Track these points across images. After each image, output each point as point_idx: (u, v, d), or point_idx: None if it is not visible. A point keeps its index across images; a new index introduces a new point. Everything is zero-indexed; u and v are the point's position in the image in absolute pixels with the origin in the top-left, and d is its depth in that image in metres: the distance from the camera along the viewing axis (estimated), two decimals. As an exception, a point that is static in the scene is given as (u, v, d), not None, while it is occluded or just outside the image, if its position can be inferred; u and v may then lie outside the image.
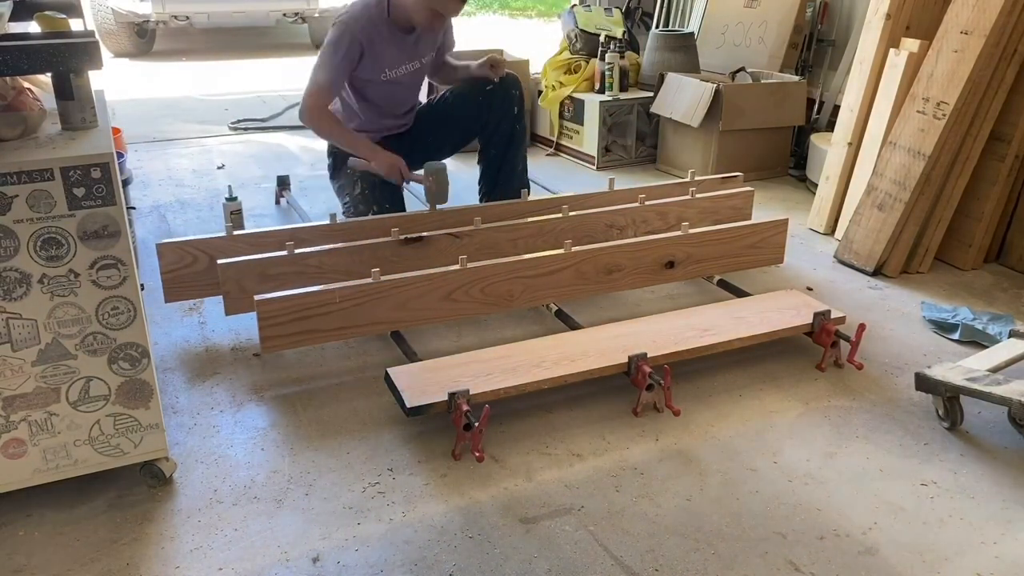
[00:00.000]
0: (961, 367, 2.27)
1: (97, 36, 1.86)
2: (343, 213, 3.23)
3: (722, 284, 2.98)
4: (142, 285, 2.85)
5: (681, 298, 3.01)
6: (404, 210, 3.19)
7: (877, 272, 3.20)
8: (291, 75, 7.37)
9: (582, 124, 4.66)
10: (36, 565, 1.76)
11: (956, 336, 2.72)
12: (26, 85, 1.95)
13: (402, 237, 2.76)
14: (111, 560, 1.77)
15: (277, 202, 3.96)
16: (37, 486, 1.88)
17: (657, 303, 2.95)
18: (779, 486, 2.02)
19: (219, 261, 2.55)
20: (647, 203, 3.15)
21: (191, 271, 2.69)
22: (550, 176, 4.37)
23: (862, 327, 2.48)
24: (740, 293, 2.88)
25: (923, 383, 2.27)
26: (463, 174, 4.32)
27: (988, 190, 3.18)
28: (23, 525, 1.87)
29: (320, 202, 3.97)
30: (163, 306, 2.90)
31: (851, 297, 2.98)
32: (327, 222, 2.88)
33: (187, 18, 7.82)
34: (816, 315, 2.52)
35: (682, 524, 1.89)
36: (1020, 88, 3.08)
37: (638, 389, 2.28)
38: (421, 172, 3.09)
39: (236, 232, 2.78)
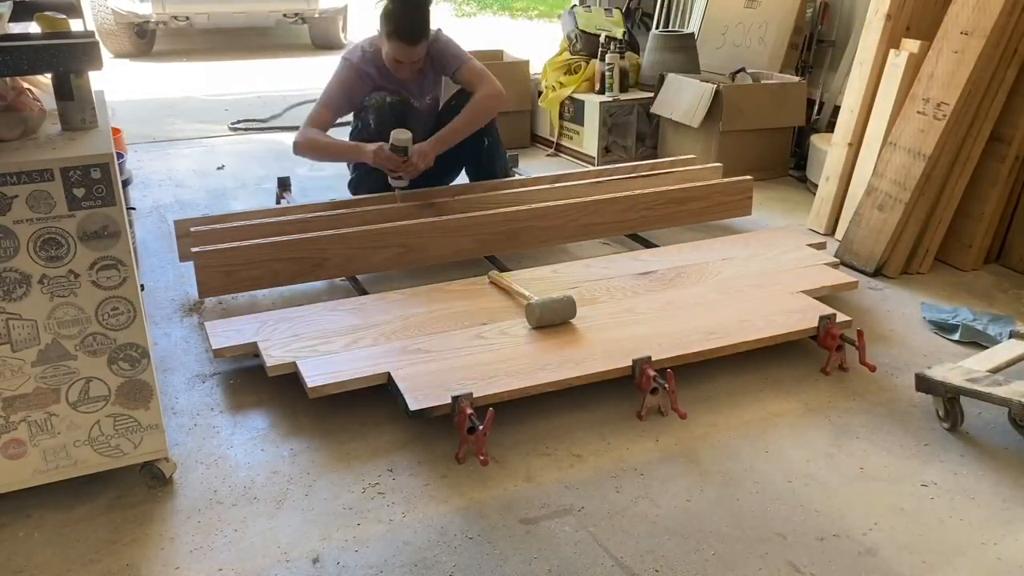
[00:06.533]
0: (961, 368, 2.27)
1: (97, 36, 1.86)
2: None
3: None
4: (142, 286, 2.86)
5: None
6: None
7: (877, 273, 3.20)
8: (291, 75, 7.38)
9: (582, 125, 4.66)
10: (36, 566, 1.76)
11: (956, 337, 2.72)
12: (26, 85, 1.95)
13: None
14: (111, 561, 1.77)
15: (278, 203, 3.95)
16: (37, 487, 1.88)
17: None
18: (779, 487, 2.02)
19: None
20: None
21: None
22: (550, 176, 4.36)
23: (861, 333, 2.48)
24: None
25: (923, 384, 2.26)
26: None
27: (988, 191, 3.18)
28: (23, 526, 1.87)
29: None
30: (163, 306, 2.91)
31: (851, 298, 2.98)
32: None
33: (187, 18, 7.82)
34: (821, 318, 2.52)
35: (682, 525, 1.89)
36: (1020, 89, 3.08)
37: (641, 392, 2.28)
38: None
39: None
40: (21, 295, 1.70)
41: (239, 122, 5.61)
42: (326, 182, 4.33)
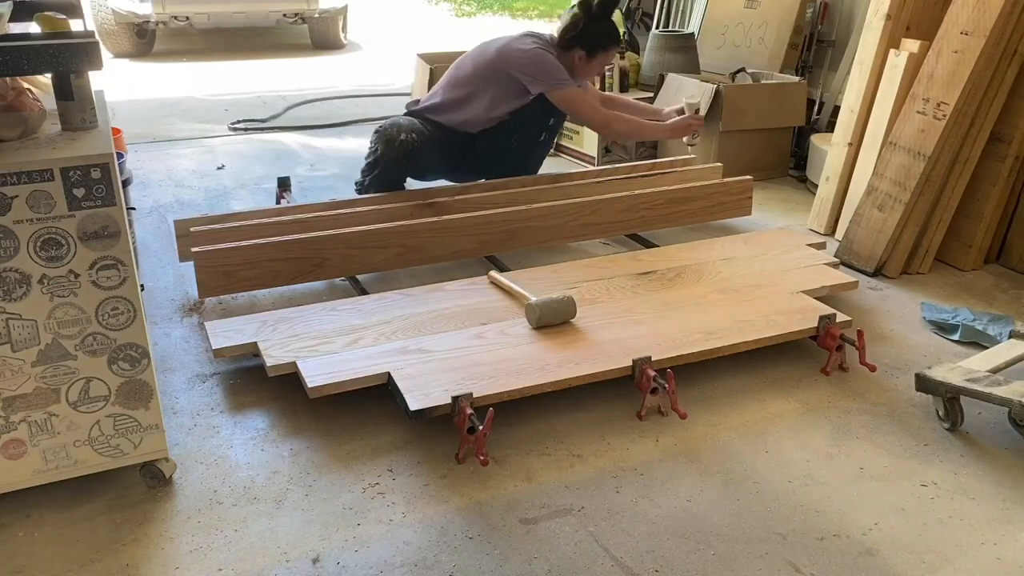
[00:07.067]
0: (961, 368, 2.27)
1: (97, 36, 1.86)
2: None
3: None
4: (142, 286, 2.86)
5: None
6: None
7: (877, 273, 3.20)
8: (291, 75, 7.37)
9: (582, 125, 4.65)
10: (36, 566, 1.76)
11: (956, 337, 2.72)
12: (26, 85, 1.95)
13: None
14: (111, 561, 1.77)
15: (278, 203, 3.95)
16: (37, 487, 1.88)
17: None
18: (779, 487, 2.02)
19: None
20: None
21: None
22: (550, 176, 4.36)
23: (861, 333, 2.48)
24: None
25: (923, 384, 2.26)
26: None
27: (988, 191, 3.18)
28: (23, 526, 1.87)
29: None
30: (163, 306, 2.91)
31: (851, 298, 2.98)
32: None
33: (187, 18, 7.81)
34: (821, 318, 2.52)
35: (682, 525, 1.89)
36: (1020, 89, 3.08)
37: (641, 392, 2.28)
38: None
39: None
40: (21, 295, 1.70)
41: (239, 122, 5.60)
42: (326, 182, 4.33)
